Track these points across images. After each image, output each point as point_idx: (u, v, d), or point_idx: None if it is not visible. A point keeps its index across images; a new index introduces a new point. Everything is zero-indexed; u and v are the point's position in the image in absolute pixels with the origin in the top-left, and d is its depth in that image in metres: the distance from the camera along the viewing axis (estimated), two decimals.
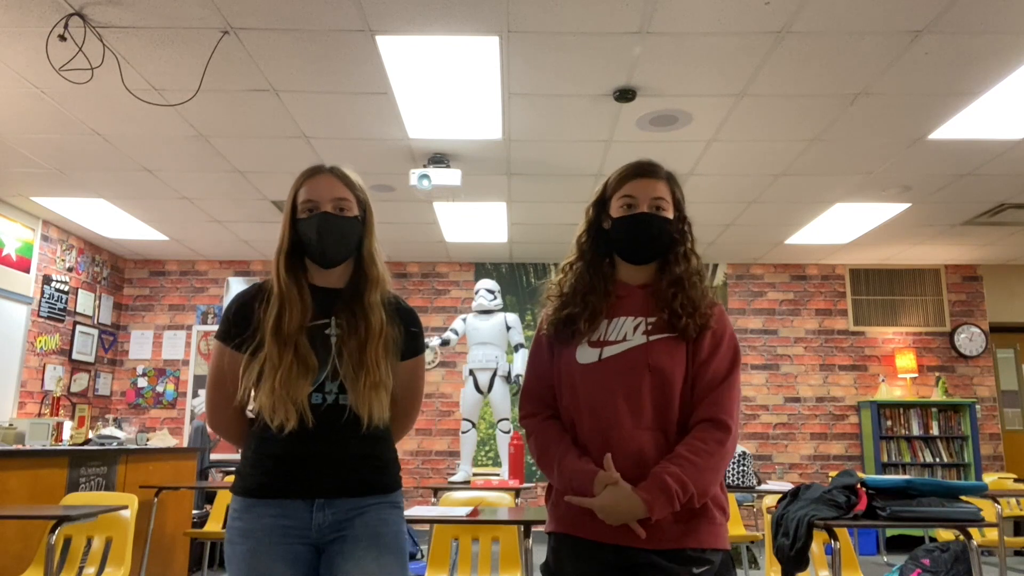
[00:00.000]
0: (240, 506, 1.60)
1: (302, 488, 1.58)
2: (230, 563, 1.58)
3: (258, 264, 7.69)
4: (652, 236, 1.62)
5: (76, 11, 3.26)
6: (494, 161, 4.98)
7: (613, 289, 1.65)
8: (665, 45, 3.54)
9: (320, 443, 1.60)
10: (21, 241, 6.04)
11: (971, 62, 3.65)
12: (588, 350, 1.59)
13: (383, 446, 1.69)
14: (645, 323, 1.59)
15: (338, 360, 1.62)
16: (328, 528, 1.59)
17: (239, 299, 1.71)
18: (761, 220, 6.26)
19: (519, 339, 5.21)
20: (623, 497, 1.47)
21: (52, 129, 4.48)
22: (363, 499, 1.62)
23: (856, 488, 2.54)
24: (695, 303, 1.58)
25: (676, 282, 1.61)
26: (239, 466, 1.65)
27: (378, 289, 1.69)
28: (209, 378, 1.69)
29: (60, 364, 6.58)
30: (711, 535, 1.52)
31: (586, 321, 1.60)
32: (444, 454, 7.26)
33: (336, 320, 1.66)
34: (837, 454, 7.40)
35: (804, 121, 4.34)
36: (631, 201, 1.63)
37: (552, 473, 1.60)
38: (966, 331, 7.58)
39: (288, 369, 1.56)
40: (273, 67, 3.75)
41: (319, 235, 1.64)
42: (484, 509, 3.18)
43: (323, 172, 1.69)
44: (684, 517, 1.50)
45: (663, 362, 1.55)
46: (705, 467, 1.48)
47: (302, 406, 1.56)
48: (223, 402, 1.66)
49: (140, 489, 4.47)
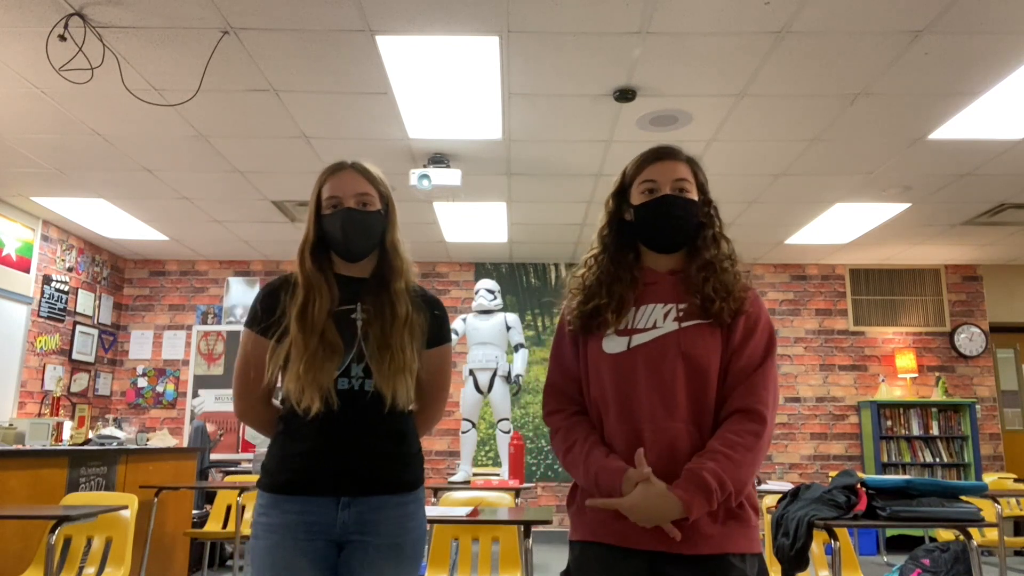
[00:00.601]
0: (266, 502, 1.62)
1: (328, 486, 1.60)
2: (253, 557, 1.59)
3: (258, 264, 7.69)
4: (678, 219, 1.54)
5: (76, 11, 3.26)
6: (494, 161, 4.98)
7: (640, 276, 1.56)
8: (665, 45, 3.54)
9: (346, 433, 1.61)
10: (21, 241, 6.04)
11: (971, 62, 3.65)
12: (616, 339, 1.50)
13: (408, 440, 1.70)
14: (676, 309, 1.51)
15: (364, 343, 1.65)
16: (352, 525, 1.60)
17: (267, 288, 1.75)
18: (761, 220, 6.25)
19: (519, 339, 5.20)
20: (657, 496, 1.37)
21: (52, 129, 4.48)
22: (388, 497, 1.63)
23: (856, 488, 2.54)
24: (728, 287, 1.49)
25: (706, 266, 1.52)
26: (265, 462, 1.67)
27: (403, 278, 1.73)
28: (236, 366, 1.71)
29: (60, 364, 6.58)
30: (749, 539, 1.43)
31: (613, 311, 1.51)
32: (444, 454, 7.26)
33: (362, 305, 1.69)
34: (837, 454, 7.41)
35: (804, 121, 4.34)
36: (652, 186, 1.56)
37: (579, 472, 1.50)
38: (966, 331, 7.58)
39: (314, 354, 1.59)
40: (273, 67, 3.75)
41: (343, 230, 1.67)
42: (484, 509, 3.18)
43: (345, 168, 1.73)
44: (722, 518, 1.42)
45: (697, 349, 1.46)
46: (742, 462, 1.39)
47: (328, 390, 1.58)
48: (247, 389, 1.69)
49: (140, 489, 4.47)
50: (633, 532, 1.41)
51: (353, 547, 1.61)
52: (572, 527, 1.54)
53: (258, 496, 1.65)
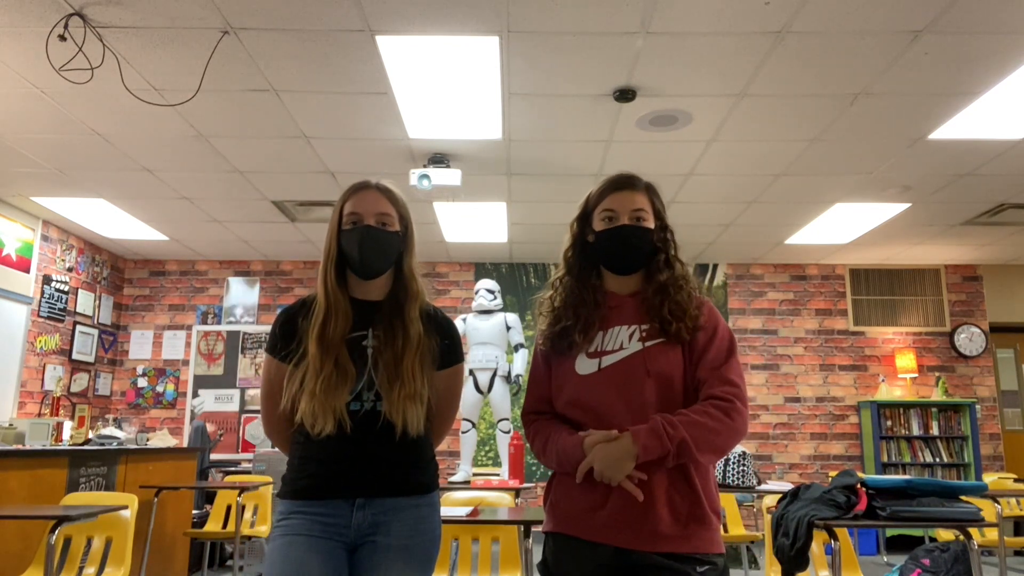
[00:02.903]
0: (285, 508, 1.67)
1: (344, 488, 1.64)
2: (267, 557, 1.64)
3: (258, 264, 7.69)
4: (634, 247, 1.66)
5: (76, 11, 3.26)
6: (494, 161, 4.98)
7: (604, 300, 1.68)
8: (665, 45, 3.54)
9: (359, 446, 1.66)
10: (21, 241, 6.04)
11: (971, 62, 3.65)
12: (587, 361, 1.62)
13: (422, 446, 1.74)
14: (640, 330, 1.62)
15: (374, 371, 1.68)
16: (366, 527, 1.64)
17: (285, 313, 1.80)
18: (761, 220, 6.25)
19: (519, 339, 5.20)
20: (612, 443, 1.48)
21: (52, 129, 4.48)
22: (402, 499, 1.67)
23: (856, 488, 2.54)
24: (682, 307, 1.61)
25: (661, 289, 1.64)
26: (285, 473, 1.72)
27: (417, 303, 1.76)
28: (262, 390, 1.78)
29: (60, 364, 6.58)
30: (710, 541, 1.52)
31: (580, 332, 1.62)
32: (444, 454, 7.26)
33: (373, 332, 1.72)
34: (837, 454, 7.41)
35: (804, 121, 4.34)
36: (612, 214, 1.67)
37: (552, 459, 1.61)
38: (966, 331, 7.58)
39: (328, 376, 1.63)
40: (273, 67, 3.75)
41: (360, 247, 1.70)
42: (484, 509, 3.18)
43: (369, 188, 1.77)
44: (683, 518, 1.50)
45: (662, 366, 1.57)
46: (702, 424, 1.48)
47: (340, 413, 1.63)
48: (274, 411, 1.73)
49: (140, 489, 4.47)
50: (601, 527, 1.51)
51: (364, 549, 1.64)
52: (545, 520, 1.65)
53: (279, 505, 1.70)
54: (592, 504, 1.54)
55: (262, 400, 1.78)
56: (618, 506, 1.51)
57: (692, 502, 1.52)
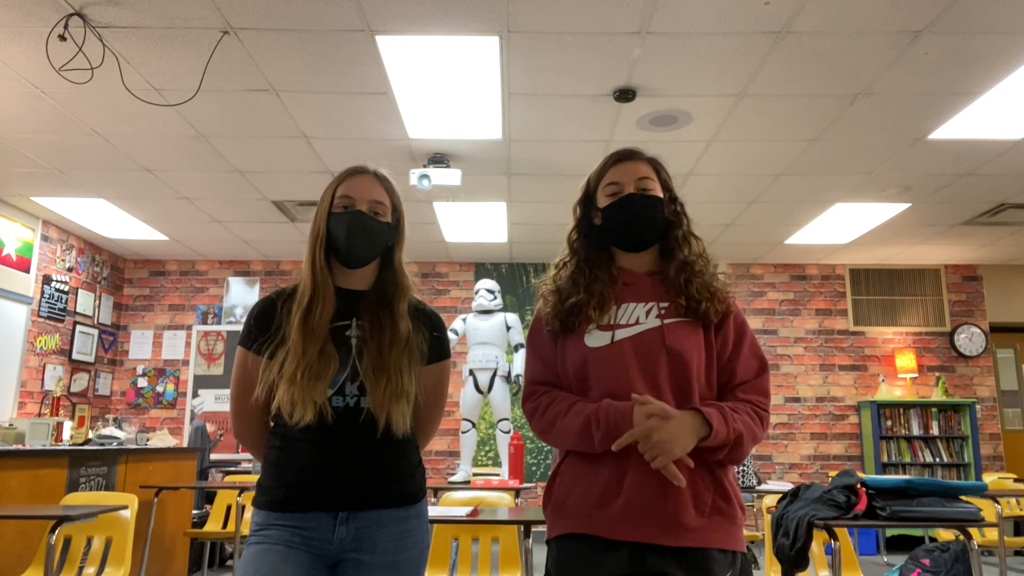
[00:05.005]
0: (262, 520, 1.54)
1: (326, 501, 1.54)
2: (240, 565, 1.52)
3: (258, 264, 7.68)
4: (644, 217, 1.55)
5: (76, 11, 3.26)
6: (494, 161, 4.98)
7: (619, 276, 1.57)
8: (665, 45, 3.54)
9: (342, 448, 1.55)
10: (21, 241, 6.04)
11: (971, 62, 3.65)
12: (599, 334, 1.49)
13: (408, 449, 1.65)
14: (658, 307, 1.51)
15: (359, 361, 1.59)
16: (349, 542, 1.54)
17: (260, 303, 1.69)
18: (761, 220, 6.25)
19: (519, 339, 5.20)
20: (677, 418, 1.35)
21: (52, 129, 4.48)
22: (388, 511, 1.57)
23: (856, 488, 2.54)
24: (711, 287, 1.51)
25: (684, 267, 1.54)
26: (260, 479, 1.60)
27: (406, 298, 1.67)
28: (232, 387, 1.65)
29: (60, 364, 6.58)
30: (734, 538, 1.42)
31: (595, 308, 1.50)
32: (444, 454, 7.26)
33: (357, 321, 1.63)
34: (837, 454, 7.41)
35: (804, 121, 4.34)
36: (616, 188, 1.57)
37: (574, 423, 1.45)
38: (966, 331, 7.58)
39: (311, 363, 1.53)
40: (273, 67, 3.75)
41: (348, 232, 1.61)
42: (484, 509, 3.18)
43: (365, 173, 1.68)
44: (708, 511, 1.40)
45: (681, 345, 1.46)
46: (749, 425, 1.42)
47: (322, 404, 1.52)
48: (246, 409, 1.63)
49: (140, 489, 4.47)
50: (617, 523, 1.39)
51: (347, 566, 1.54)
52: (549, 527, 1.51)
53: (254, 514, 1.57)
54: (603, 495, 1.42)
55: (232, 400, 1.64)
56: (635, 495, 1.39)
57: (716, 493, 1.42)
